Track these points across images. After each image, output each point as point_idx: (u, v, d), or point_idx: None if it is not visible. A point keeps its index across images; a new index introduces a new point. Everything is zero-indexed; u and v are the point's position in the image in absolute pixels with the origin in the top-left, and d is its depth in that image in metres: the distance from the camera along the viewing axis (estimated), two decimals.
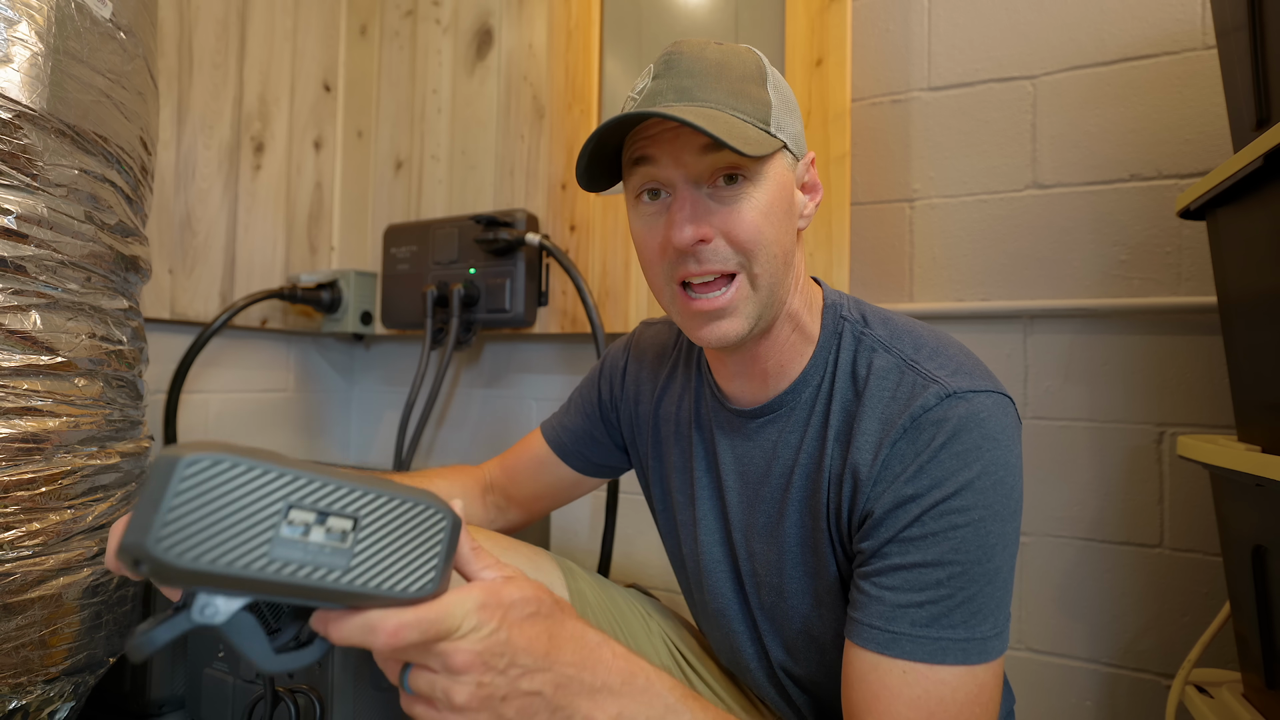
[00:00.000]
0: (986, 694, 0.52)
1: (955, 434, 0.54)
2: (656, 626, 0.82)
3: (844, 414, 0.61)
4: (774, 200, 0.57)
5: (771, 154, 0.57)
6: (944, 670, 0.51)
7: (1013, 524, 0.55)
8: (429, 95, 1.66)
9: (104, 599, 0.84)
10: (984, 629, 0.52)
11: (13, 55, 0.72)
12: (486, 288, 1.45)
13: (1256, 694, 0.77)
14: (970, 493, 0.53)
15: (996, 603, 0.53)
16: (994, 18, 1.15)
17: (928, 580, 0.53)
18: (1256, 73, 0.73)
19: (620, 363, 0.83)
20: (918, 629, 0.52)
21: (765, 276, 0.58)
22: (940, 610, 0.52)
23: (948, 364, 0.58)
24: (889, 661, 0.52)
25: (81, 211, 0.78)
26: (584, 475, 0.85)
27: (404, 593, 0.41)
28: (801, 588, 0.64)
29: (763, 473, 0.66)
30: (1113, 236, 1.07)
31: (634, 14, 1.42)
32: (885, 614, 0.53)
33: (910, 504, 0.54)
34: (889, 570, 0.54)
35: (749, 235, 0.56)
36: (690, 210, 0.56)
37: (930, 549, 0.53)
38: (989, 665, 0.52)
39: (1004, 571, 0.54)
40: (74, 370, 0.78)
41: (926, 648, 0.52)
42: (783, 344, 0.64)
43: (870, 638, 0.53)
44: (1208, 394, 1.02)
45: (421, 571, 0.42)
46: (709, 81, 0.56)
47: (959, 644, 0.52)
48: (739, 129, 0.54)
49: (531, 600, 0.44)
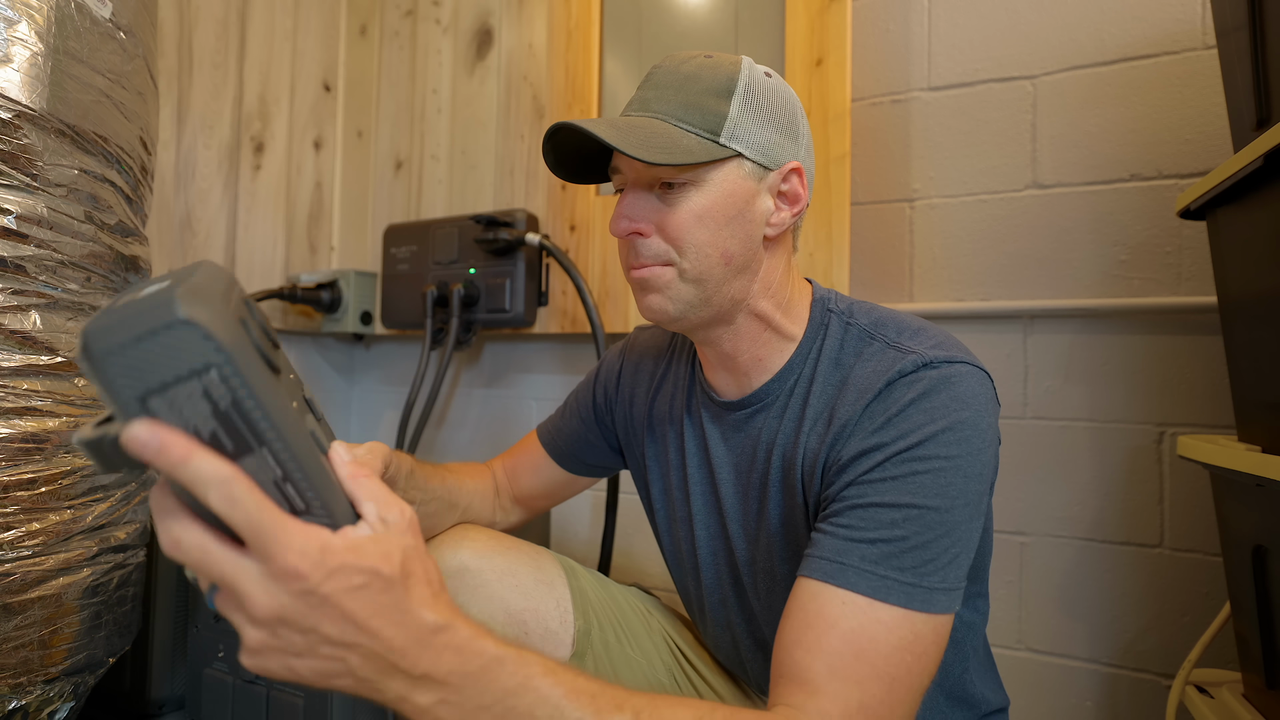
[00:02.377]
0: (921, 646, 0.52)
1: (926, 392, 0.56)
2: (657, 624, 0.83)
3: (825, 397, 0.63)
4: (714, 205, 0.61)
5: (716, 161, 0.61)
6: (882, 608, 0.51)
7: (976, 485, 0.56)
8: (429, 95, 1.66)
9: (104, 599, 0.84)
10: (932, 580, 0.53)
11: (13, 55, 0.72)
12: (486, 288, 1.45)
13: (1257, 694, 0.77)
14: (934, 443, 0.55)
15: (950, 559, 0.54)
16: (994, 18, 1.16)
17: (882, 520, 0.54)
18: (1256, 73, 0.73)
19: (615, 366, 0.85)
20: (866, 564, 0.52)
21: (694, 271, 0.61)
22: (891, 550, 0.53)
23: (927, 340, 0.60)
24: (830, 590, 0.52)
25: (81, 211, 0.78)
26: (578, 476, 0.88)
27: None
28: (789, 571, 0.65)
29: (749, 462, 0.68)
30: (1113, 236, 1.07)
31: (634, 14, 1.42)
32: (836, 547, 0.54)
33: (874, 451, 0.56)
34: (846, 510, 0.55)
35: (677, 232, 0.61)
36: (628, 205, 0.62)
37: (889, 491, 0.54)
38: (929, 618, 0.52)
39: (962, 528, 0.55)
40: (74, 370, 0.78)
41: (870, 581, 0.52)
42: (752, 339, 0.66)
43: (817, 568, 0.54)
44: (1208, 394, 1.02)
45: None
46: (668, 94, 0.62)
47: (903, 586, 0.52)
48: (664, 139, 0.58)
49: (367, 572, 0.38)
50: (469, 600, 0.71)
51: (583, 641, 0.74)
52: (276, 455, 0.38)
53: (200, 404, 0.35)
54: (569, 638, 0.73)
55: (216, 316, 0.35)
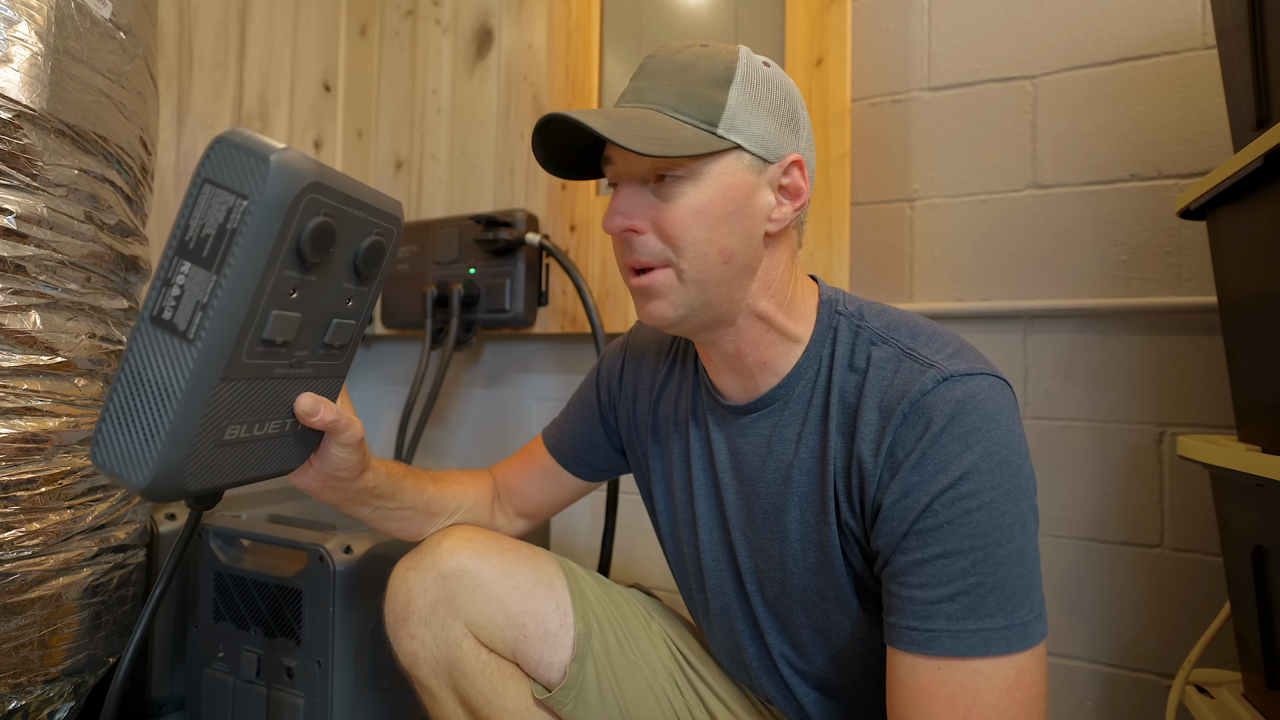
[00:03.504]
0: (1027, 678, 0.51)
1: (954, 417, 0.54)
2: (658, 627, 0.82)
3: (844, 406, 0.61)
4: (712, 200, 0.58)
5: (714, 154, 0.58)
6: (979, 662, 0.50)
7: (1026, 502, 0.54)
8: (429, 95, 1.66)
9: (104, 599, 0.84)
10: (1022, 613, 0.51)
11: (13, 55, 0.72)
12: (486, 288, 1.45)
13: (1257, 694, 0.77)
14: (977, 475, 0.53)
15: (1028, 584, 0.52)
16: (994, 18, 1.16)
17: (952, 571, 0.52)
18: (1256, 73, 0.73)
19: (617, 363, 0.83)
20: (954, 623, 0.51)
21: (692, 272, 0.59)
22: (973, 600, 0.51)
23: (943, 349, 0.59)
24: (927, 661, 0.51)
25: (81, 211, 0.78)
26: (584, 481, 0.86)
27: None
28: (805, 583, 0.64)
29: (758, 467, 0.66)
30: (1113, 236, 1.07)
31: (634, 14, 1.42)
32: (919, 613, 0.52)
33: (918, 492, 0.54)
34: (912, 567, 0.54)
35: (673, 230, 0.59)
36: (622, 202, 0.60)
37: (948, 538, 0.53)
38: (1032, 651, 0.51)
39: (1028, 552, 0.53)
40: (74, 370, 0.78)
41: (967, 640, 0.51)
42: (756, 340, 0.64)
43: (909, 639, 0.53)
44: (1208, 394, 1.02)
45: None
46: (663, 84, 0.59)
47: (1000, 632, 0.51)
48: (660, 130, 0.56)
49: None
50: (467, 601, 0.71)
51: (583, 645, 0.73)
52: (215, 287, 0.44)
53: (219, 212, 0.44)
54: (569, 641, 0.73)
55: (288, 187, 0.44)
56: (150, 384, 0.45)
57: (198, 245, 0.44)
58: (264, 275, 0.45)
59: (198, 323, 0.44)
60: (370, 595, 0.92)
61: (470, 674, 0.71)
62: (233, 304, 0.44)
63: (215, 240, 0.44)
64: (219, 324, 0.44)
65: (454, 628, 0.71)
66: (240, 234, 0.43)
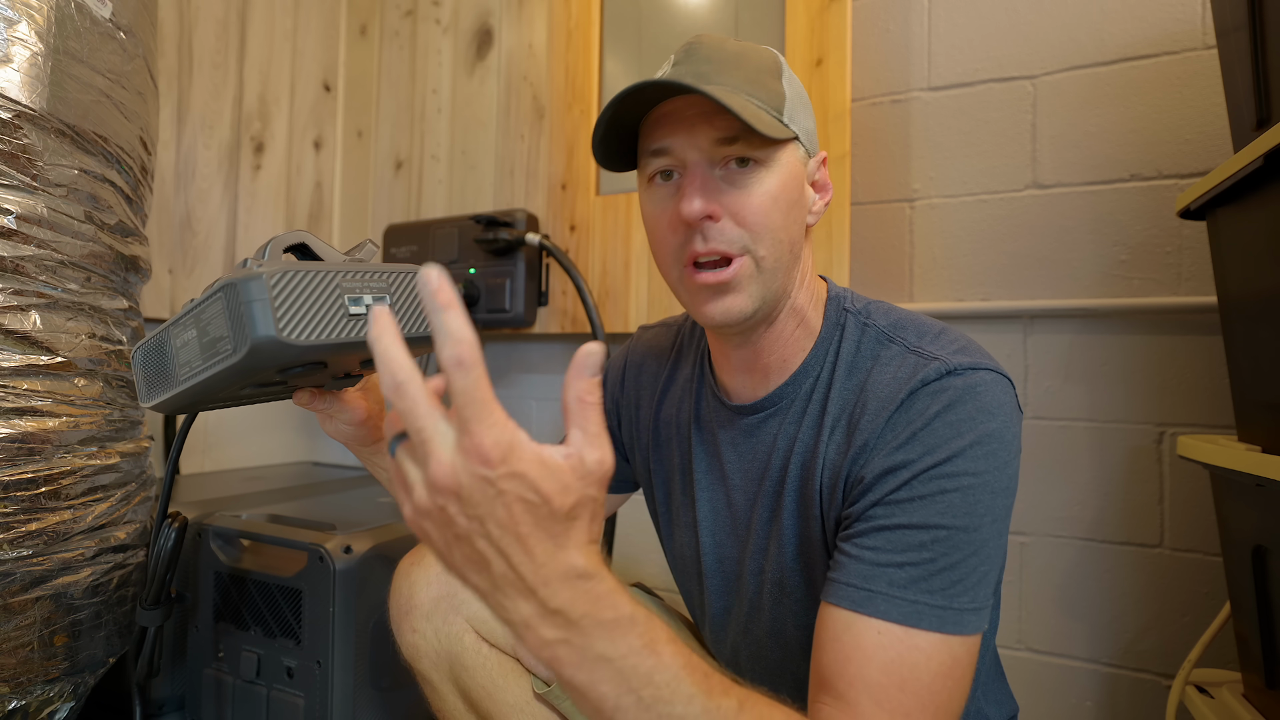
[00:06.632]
0: (959, 670, 0.51)
1: (951, 404, 0.54)
2: None
3: (843, 403, 0.61)
4: (784, 188, 0.58)
5: (784, 141, 0.58)
6: (919, 635, 0.50)
7: (1004, 500, 0.54)
8: (429, 95, 1.66)
9: (104, 599, 0.84)
10: (962, 600, 0.51)
11: (13, 55, 0.72)
12: (486, 288, 1.45)
13: (1257, 694, 0.77)
14: (962, 459, 0.53)
15: (979, 578, 0.53)
16: (994, 18, 1.16)
17: (910, 542, 0.52)
18: (1256, 73, 0.73)
19: (619, 369, 0.83)
20: (895, 589, 0.51)
21: (770, 260, 0.58)
22: (920, 573, 0.51)
23: (949, 345, 0.59)
24: (864, 620, 0.51)
25: (81, 211, 0.78)
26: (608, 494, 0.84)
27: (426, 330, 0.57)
28: (800, 581, 0.64)
29: (762, 469, 0.66)
30: (1113, 236, 1.07)
31: (634, 14, 1.42)
32: (864, 572, 0.52)
33: (901, 469, 0.54)
34: (872, 531, 0.54)
35: (755, 217, 0.57)
36: (700, 185, 0.57)
37: (916, 512, 0.53)
38: (964, 640, 0.51)
39: (990, 546, 0.53)
40: (74, 370, 0.78)
41: (902, 608, 0.51)
42: (786, 338, 0.64)
43: (845, 595, 0.52)
44: (1208, 394, 1.02)
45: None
46: (727, 69, 0.58)
47: (935, 610, 0.51)
48: (755, 111, 0.55)
49: (540, 494, 0.37)
50: (469, 597, 0.71)
51: None
52: (197, 372, 0.52)
53: (219, 326, 0.50)
54: None
55: (265, 360, 0.49)
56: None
57: (200, 332, 0.51)
58: (232, 385, 0.53)
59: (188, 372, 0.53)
60: (370, 595, 0.92)
61: (471, 668, 0.72)
62: (210, 385, 0.53)
63: (205, 345, 0.51)
64: (202, 386, 0.53)
65: (455, 622, 0.72)
66: (216, 364, 0.50)
